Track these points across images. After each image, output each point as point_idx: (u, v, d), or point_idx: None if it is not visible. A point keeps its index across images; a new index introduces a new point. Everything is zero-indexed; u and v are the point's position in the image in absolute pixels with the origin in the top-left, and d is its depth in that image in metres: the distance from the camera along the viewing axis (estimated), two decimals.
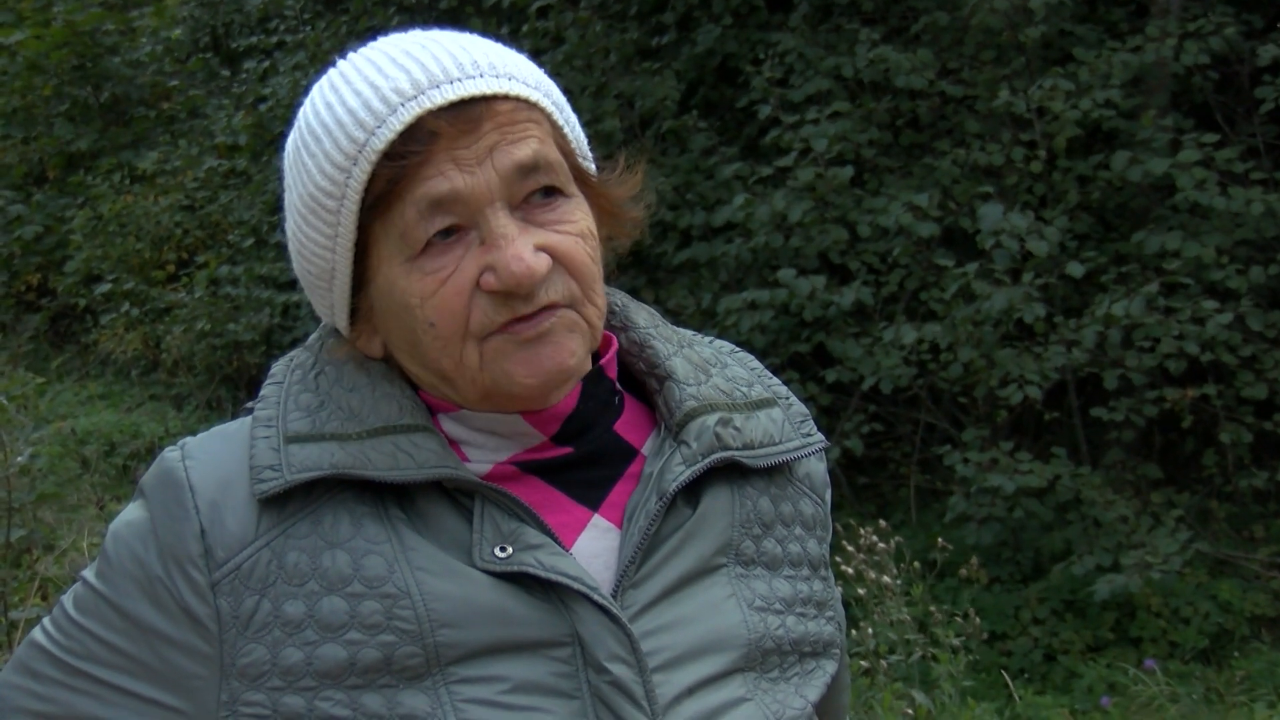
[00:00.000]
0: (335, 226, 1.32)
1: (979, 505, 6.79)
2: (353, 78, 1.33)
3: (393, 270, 1.31)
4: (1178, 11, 7.39)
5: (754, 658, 1.38)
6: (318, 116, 1.34)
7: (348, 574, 1.28)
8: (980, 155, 7.29)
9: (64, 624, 1.39)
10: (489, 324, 1.30)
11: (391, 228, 1.30)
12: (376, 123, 1.28)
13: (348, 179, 1.30)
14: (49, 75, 14.64)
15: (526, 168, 1.31)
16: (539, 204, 1.32)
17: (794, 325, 7.75)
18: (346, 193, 1.30)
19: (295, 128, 1.38)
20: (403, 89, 1.29)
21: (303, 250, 1.37)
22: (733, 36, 8.79)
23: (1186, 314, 6.53)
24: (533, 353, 1.31)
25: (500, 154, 1.29)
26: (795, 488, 1.51)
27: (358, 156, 1.29)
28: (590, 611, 1.30)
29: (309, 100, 1.38)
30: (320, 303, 1.42)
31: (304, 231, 1.36)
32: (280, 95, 11.71)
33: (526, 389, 1.32)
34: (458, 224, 1.29)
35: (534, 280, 1.29)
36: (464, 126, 1.28)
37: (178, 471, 1.34)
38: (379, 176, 1.28)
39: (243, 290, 11.60)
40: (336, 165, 1.30)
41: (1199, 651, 6.63)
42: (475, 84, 1.30)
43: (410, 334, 1.32)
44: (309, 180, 1.33)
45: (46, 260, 14.34)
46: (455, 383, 1.34)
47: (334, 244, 1.33)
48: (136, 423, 11.06)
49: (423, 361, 1.34)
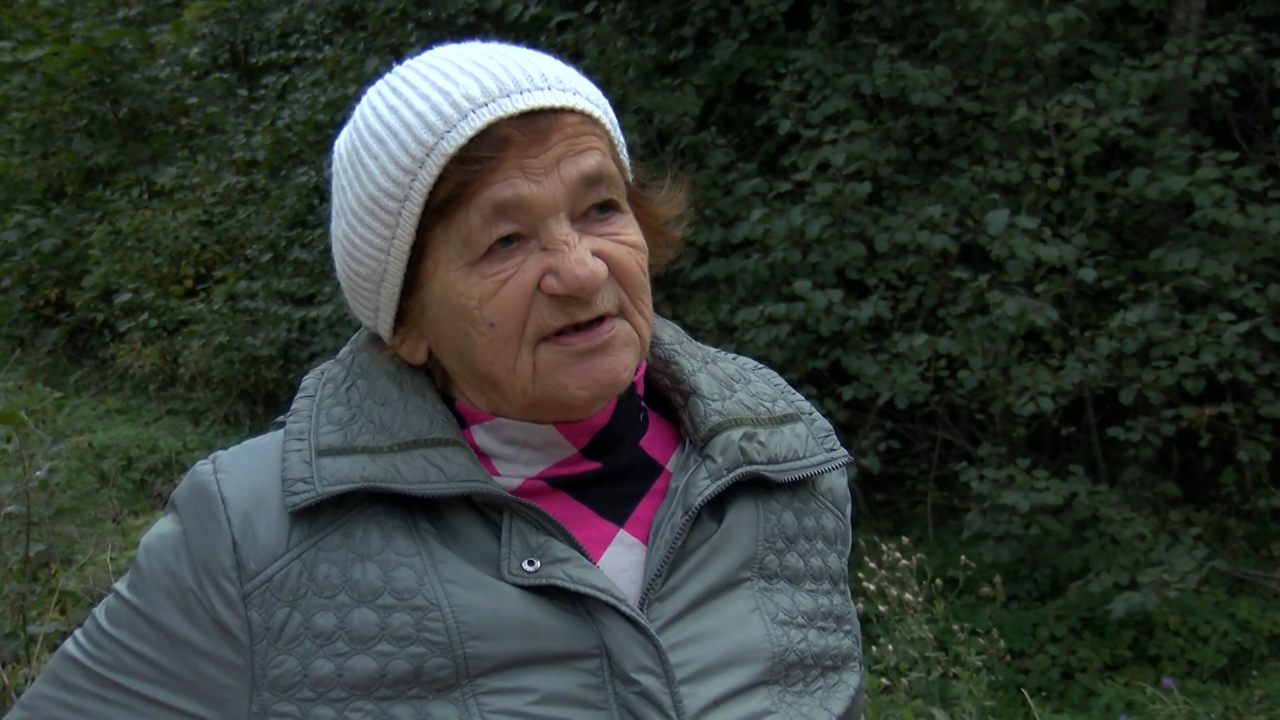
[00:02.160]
0: (393, 228, 1.32)
1: (995, 522, 6.77)
2: (418, 83, 1.33)
3: (450, 274, 1.31)
4: (1196, 29, 7.39)
5: (778, 670, 1.39)
6: (380, 119, 1.34)
7: (378, 586, 1.29)
8: (998, 172, 7.28)
9: (96, 636, 1.40)
10: (546, 327, 1.31)
11: (454, 231, 1.30)
12: (447, 127, 1.29)
13: (413, 181, 1.30)
14: (68, 91, 14.71)
15: (591, 179, 1.32)
16: (596, 218, 1.34)
17: (811, 341, 7.75)
18: (410, 194, 1.30)
19: (350, 130, 1.38)
20: (474, 95, 1.30)
21: (353, 252, 1.37)
22: (751, 52, 8.80)
23: (1203, 325, 6.52)
24: (588, 365, 1.32)
25: (567, 165, 1.31)
26: (818, 502, 1.51)
27: (425, 159, 1.29)
28: (618, 623, 1.30)
29: (367, 103, 1.38)
30: (363, 306, 1.41)
31: (358, 233, 1.36)
32: (298, 112, 11.75)
33: (579, 400, 1.33)
34: (519, 232, 1.30)
35: (595, 285, 1.30)
36: (533, 136, 1.30)
37: (210, 485, 1.35)
38: (446, 180, 1.29)
39: (260, 305, 11.63)
40: (402, 167, 1.30)
41: (1217, 670, 6.60)
42: (545, 95, 1.32)
43: (463, 338, 1.33)
44: (369, 181, 1.33)
45: (65, 275, 14.40)
46: (504, 389, 1.34)
47: (390, 246, 1.33)
48: (154, 437, 11.09)
49: (472, 366, 1.35)
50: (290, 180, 12.10)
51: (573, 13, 9.26)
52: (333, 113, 11.21)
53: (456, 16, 10.48)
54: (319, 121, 11.43)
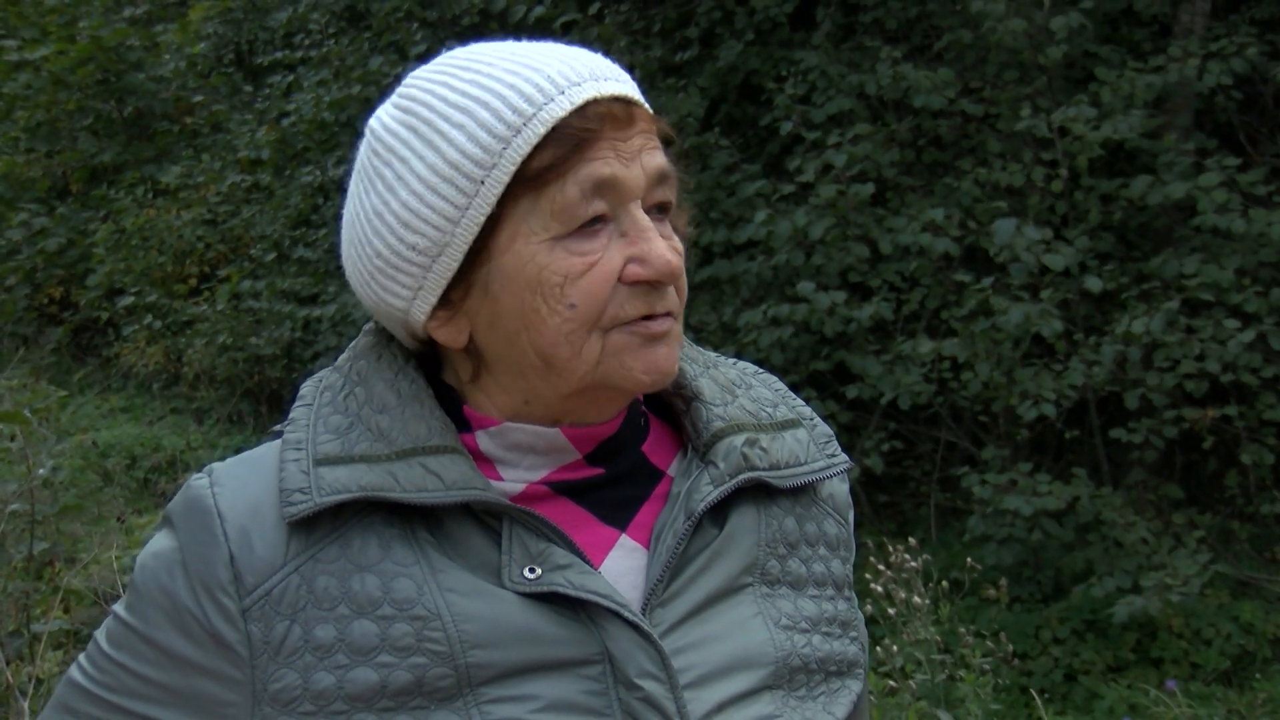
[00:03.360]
0: (471, 197, 1.30)
1: (998, 526, 6.77)
2: (498, 62, 1.33)
3: (530, 246, 1.30)
4: (1201, 32, 7.38)
5: (782, 675, 1.39)
6: (459, 91, 1.32)
7: (377, 597, 1.28)
8: (1002, 175, 7.28)
9: (98, 659, 1.40)
10: (622, 316, 1.31)
11: (544, 202, 1.29)
12: (546, 98, 1.28)
13: (505, 149, 1.28)
14: (73, 90, 14.73)
15: (664, 176, 1.34)
16: (655, 217, 1.35)
17: (814, 343, 7.74)
18: (500, 162, 1.28)
19: (410, 104, 1.35)
20: (568, 74, 1.31)
21: (411, 224, 1.32)
22: (755, 54, 8.80)
23: (1208, 333, 6.51)
24: (654, 351, 1.33)
25: (647, 155, 1.33)
26: (819, 508, 1.51)
27: (522, 128, 1.28)
28: (620, 629, 1.30)
29: (430, 80, 1.35)
30: (401, 285, 1.36)
31: (425, 202, 1.31)
32: (303, 110, 11.76)
33: (639, 384, 1.33)
34: (606, 214, 1.31)
35: (678, 272, 1.32)
36: (624, 120, 1.32)
37: (206, 499, 1.34)
38: (544, 149, 1.28)
39: (264, 304, 11.64)
40: (494, 134, 1.28)
41: (1220, 673, 6.59)
42: (626, 87, 1.34)
43: (530, 314, 1.31)
44: (450, 148, 1.30)
45: (69, 273, 14.42)
46: (562, 371, 1.33)
47: (462, 216, 1.30)
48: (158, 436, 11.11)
49: (531, 344, 1.32)
50: (295, 179, 12.10)
51: (577, 14, 9.27)
52: (337, 112, 11.22)
53: (461, 17, 10.48)
54: (324, 120, 11.43)
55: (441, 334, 1.38)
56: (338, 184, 11.42)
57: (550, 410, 1.38)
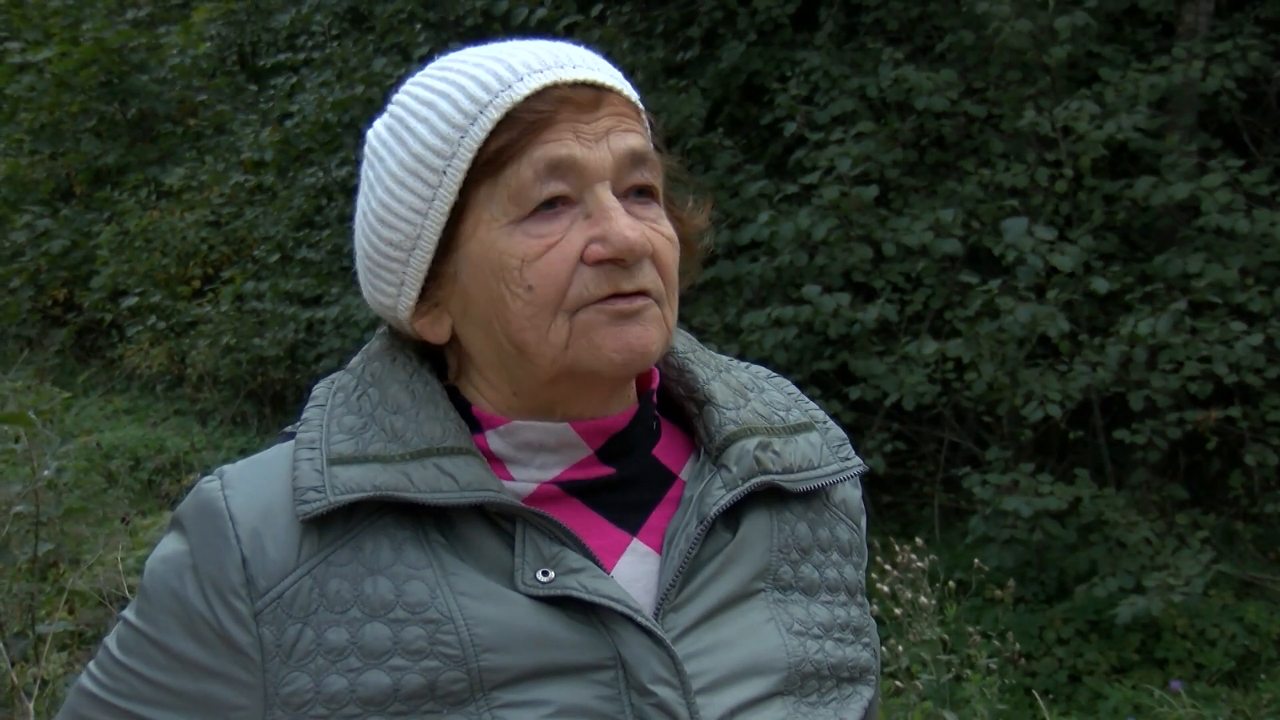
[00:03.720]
0: (435, 188, 1.32)
1: (1000, 527, 6.77)
2: (467, 58, 1.36)
3: (492, 232, 1.31)
4: (1205, 31, 7.37)
5: (794, 681, 1.38)
6: (428, 89, 1.35)
7: (390, 600, 1.28)
8: (1005, 175, 7.28)
9: (109, 666, 1.39)
10: (586, 297, 1.30)
11: (501, 187, 1.30)
12: (502, 86, 1.30)
13: (463, 137, 1.30)
14: (77, 92, 14.74)
15: (638, 156, 1.34)
16: (636, 200, 1.34)
17: (817, 343, 7.74)
18: (459, 150, 1.30)
19: (389, 111, 1.39)
20: (530, 63, 1.32)
21: (386, 219, 1.36)
22: (758, 54, 8.80)
23: (1214, 334, 6.51)
24: (623, 328, 1.31)
25: (615, 138, 1.33)
26: (832, 513, 1.51)
27: (478, 116, 1.30)
28: (633, 634, 1.30)
29: (408, 86, 1.39)
30: (386, 284, 1.39)
31: (395, 197, 1.34)
32: (307, 112, 11.76)
33: (610, 365, 1.32)
34: (567, 195, 1.31)
35: (642, 250, 1.31)
36: (587, 103, 1.32)
37: (217, 501, 1.34)
38: (499, 134, 1.30)
39: (268, 306, 11.65)
40: (452, 124, 1.31)
41: (1225, 674, 6.60)
42: (596, 74, 1.34)
43: (496, 302, 1.32)
44: (415, 142, 1.33)
45: (73, 275, 14.43)
46: (532, 358, 1.33)
47: (429, 207, 1.32)
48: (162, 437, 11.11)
49: (504, 333, 1.33)
50: (298, 181, 12.11)
51: (580, 15, 9.27)
52: (340, 113, 11.23)
53: (464, 18, 10.48)
54: (327, 121, 11.44)
55: (426, 330, 1.40)
56: (341, 185, 11.43)
57: (538, 401, 1.37)
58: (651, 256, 1.33)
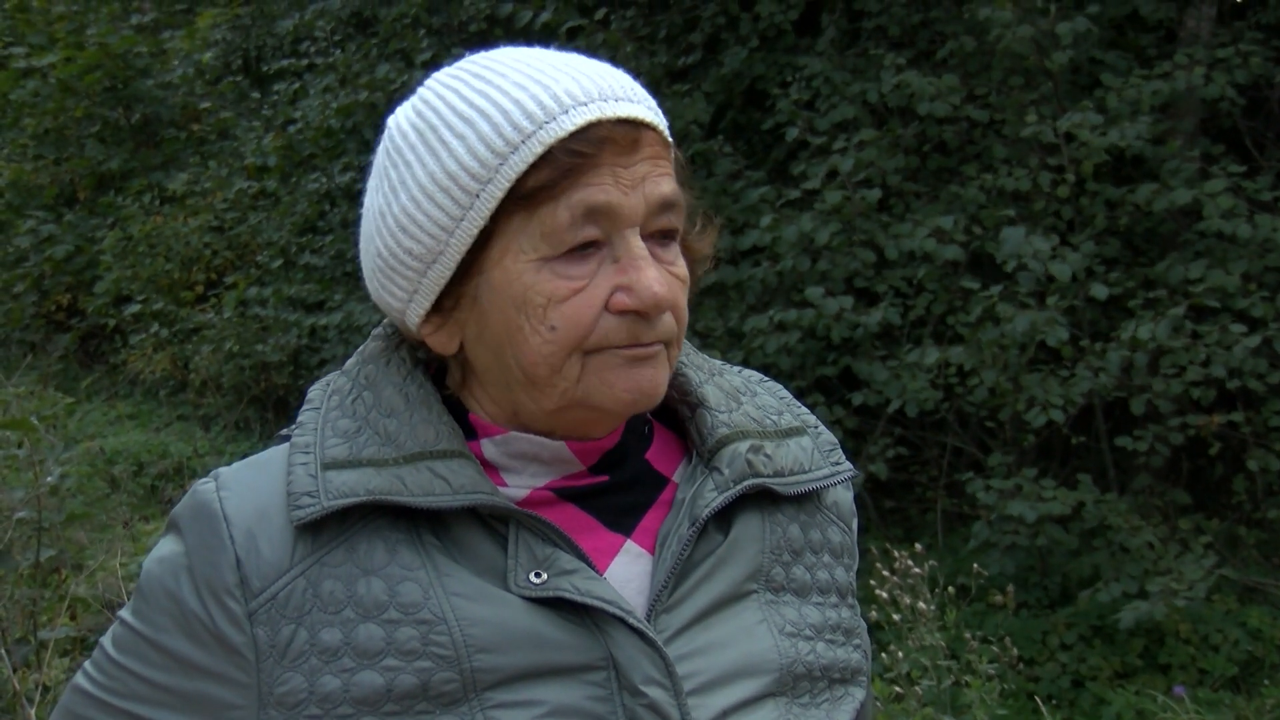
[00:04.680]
0: (466, 210, 1.30)
1: (1002, 532, 6.76)
2: (509, 73, 1.32)
3: (519, 264, 1.30)
4: (1207, 37, 7.37)
5: (786, 683, 1.39)
6: (466, 100, 1.32)
7: (383, 601, 1.28)
8: (1007, 180, 7.27)
9: (105, 665, 1.40)
10: (605, 343, 1.30)
11: (535, 223, 1.29)
12: (547, 117, 1.28)
13: (501, 165, 1.28)
14: (81, 97, 14.77)
15: (668, 204, 1.33)
16: (658, 242, 1.34)
17: (820, 348, 7.74)
18: (495, 178, 1.28)
19: (420, 108, 1.36)
20: (575, 93, 1.29)
21: (409, 228, 1.34)
22: (760, 59, 8.80)
23: (1214, 338, 6.50)
24: (636, 371, 1.32)
25: (650, 184, 1.32)
26: (824, 515, 1.52)
27: (520, 145, 1.27)
28: (625, 635, 1.30)
29: (444, 85, 1.36)
30: (397, 288, 1.38)
31: (422, 209, 1.32)
32: (310, 117, 11.77)
33: (619, 403, 1.32)
34: (598, 239, 1.30)
35: (667, 305, 1.31)
36: (628, 144, 1.30)
37: (212, 503, 1.34)
38: (539, 169, 1.28)
39: (271, 311, 11.66)
40: (492, 149, 1.28)
41: (1228, 679, 6.58)
42: (637, 108, 1.33)
43: (515, 331, 1.31)
44: (450, 159, 1.30)
45: (76, 280, 14.45)
46: (542, 388, 1.33)
47: (456, 227, 1.31)
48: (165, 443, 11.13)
49: (516, 361, 1.32)
50: (301, 186, 12.12)
51: (583, 19, 9.28)
52: (344, 118, 11.24)
53: (468, 23, 10.50)
54: (330, 127, 11.45)
55: (433, 339, 1.39)
56: (344, 190, 11.44)
57: (538, 424, 1.38)
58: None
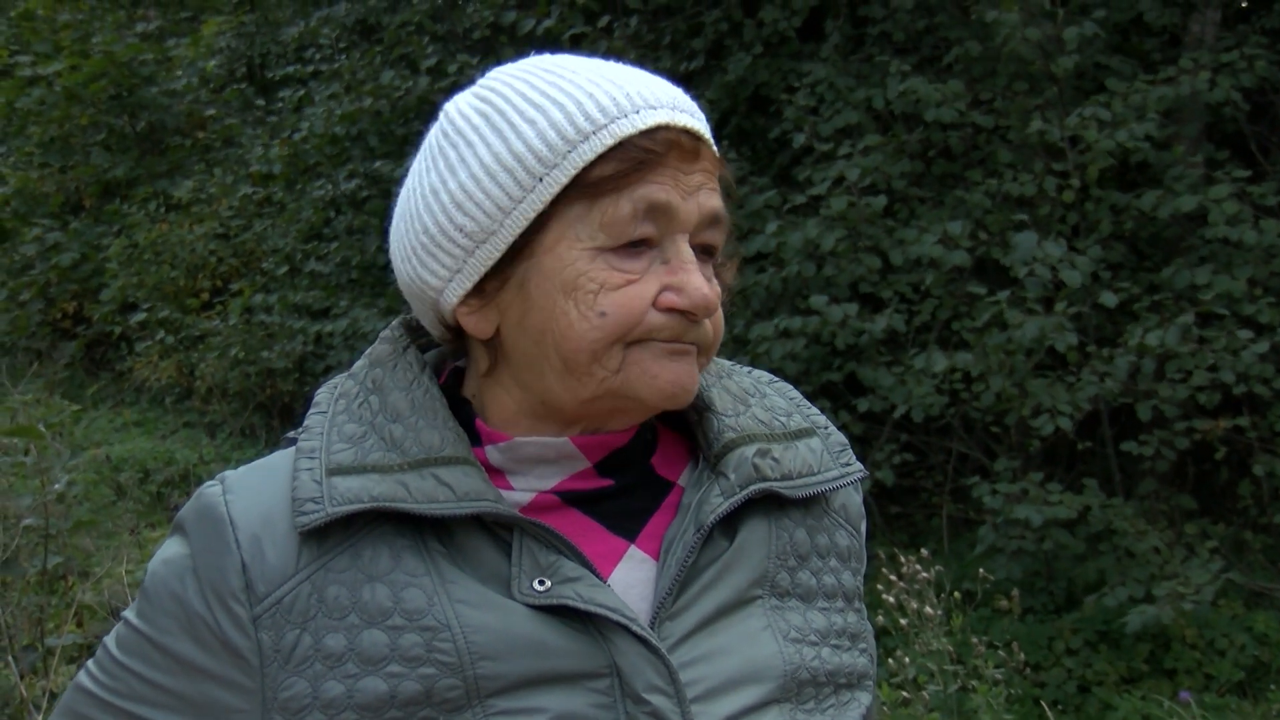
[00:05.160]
0: (528, 192, 1.31)
1: (1008, 537, 6.75)
2: (580, 70, 1.35)
3: (574, 251, 1.31)
4: (1211, 42, 7.37)
5: (790, 689, 1.38)
6: (539, 90, 1.34)
7: (388, 607, 1.29)
8: (1013, 185, 7.27)
9: (108, 665, 1.40)
10: (648, 335, 1.32)
11: (596, 212, 1.31)
12: (620, 113, 1.31)
13: (570, 151, 1.30)
14: (86, 105, 14.79)
15: (716, 219, 1.36)
16: (701, 258, 1.36)
17: (825, 354, 7.74)
18: (562, 164, 1.30)
19: (487, 94, 1.38)
20: (647, 97, 1.33)
21: (463, 205, 1.35)
22: (764, 66, 8.80)
23: (1221, 344, 6.50)
24: (676, 364, 1.34)
25: (705, 195, 1.35)
26: (831, 519, 1.51)
27: (591, 135, 1.30)
28: (629, 642, 1.30)
29: (511, 75, 1.39)
30: (441, 265, 1.38)
31: (482, 187, 1.33)
32: (315, 125, 11.79)
33: (659, 394, 1.34)
34: (652, 238, 1.33)
35: (712, 309, 1.34)
36: (691, 152, 1.34)
37: (218, 506, 1.35)
38: (607, 160, 1.30)
39: (276, 318, 11.67)
40: (563, 134, 1.30)
41: (1235, 684, 6.57)
42: (699, 124, 1.36)
43: (561, 317, 1.32)
44: (517, 140, 1.32)
45: (83, 288, 14.48)
46: (578, 376, 1.34)
47: (515, 208, 1.32)
48: (171, 450, 11.14)
49: (555, 346, 1.33)
50: (306, 193, 12.13)
51: (587, 26, 9.29)
52: (348, 125, 11.25)
53: (472, 30, 10.51)
54: (335, 134, 11.46)
55: (469, 321, 1.39)
56: (349, 197, 11.45)
57: (564, 415, 1.38)
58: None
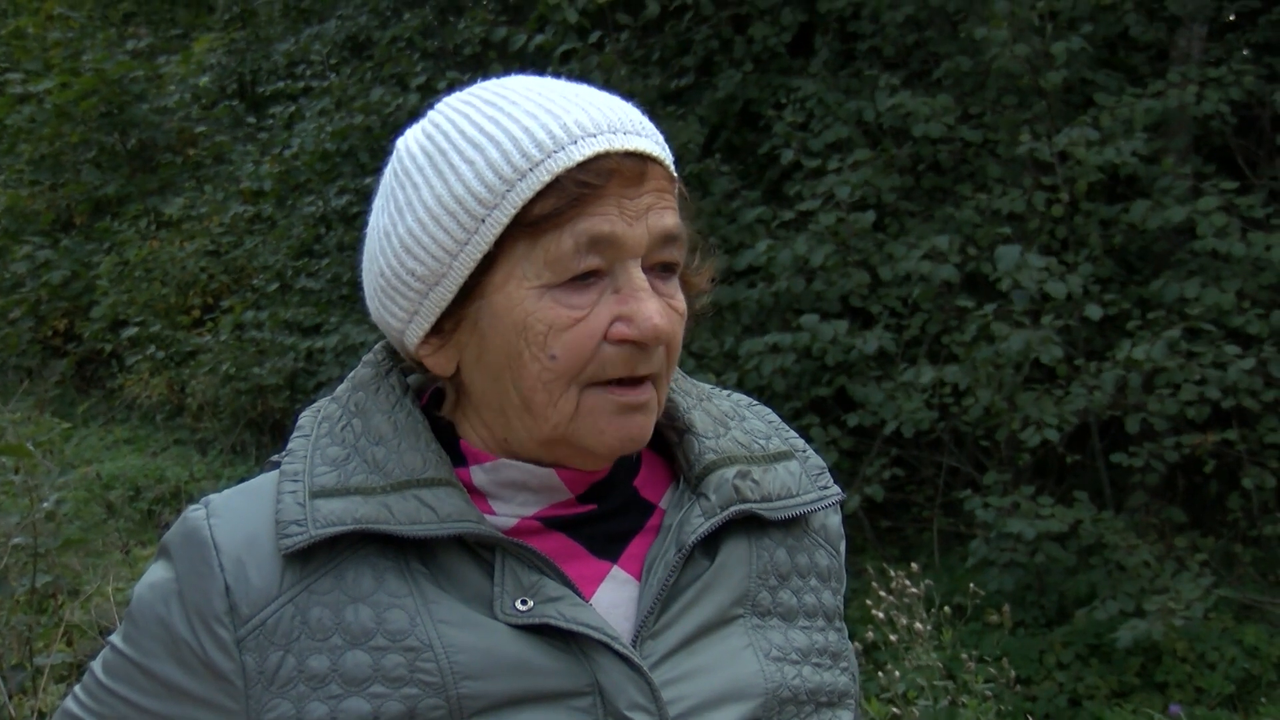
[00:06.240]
0: (472, 234, 1.31)
1: (1000, 550, 6.76)
2: (520, 101, 1.34)
3: (521, 290, 1.31)
4: (1198, 56, 7.40)
5: (771, 707, 1.39)
6: (477, 126, 1.33)
7: (370, 628, 1.29)
8: (1002, 200, 7.29)
9: (95, 690, 1.42)
10: (601, 374, 1.32)
11: (539, 249, 1.30)
12: (556, 146, 1.29)
13: (508, 191, 1.29)
14: (77, 123, 14.77)
15: (670, 237, 1.35)
16: (658, 275, 1.35)
17: (815, 369, 7.75)
18: (502, 204, 1.30)
19: (430, 131, 1.37)
20: (584, 124, 1.31)
21: (412, 250, 1.35)
22: (754, 82, 8.82)
23: (1209, 358, 6.51)
24: (626, 419, 1.34)
25: (654, 216, 1.33)
26: (811, 539, 1.52)
27: (528, 173, 1.29)
28: (611, 661, 1.31)
29: (454, 109, 1.38)
30: (398, 307, 1.39)
31: (427, 231, 1.33)
32: (306, 141, 11.79)
33: (608, 448, 1.35)
34: (600, 269, 1.31)
35: (664, 338, 1.33)
36: (634, 177, 1.31)
37: (202, 530, 1.35)
38: (545, 196, 1.29)
39: (267, 335, 11.66)
40: (500, 175, 1.30)
41: (1225, 697, 6.58)
42: (645, 142, 1.34)
43: (514, 357, 1.32)
44: (457, 182, 1.32)
45: (73, 305, 14.45)
46: (536, 417, 1.34)
47: (461, 250, 1.32)
48: (161, 467, 11.11)
49: (514, 386, 1.34)
50: (297, 210, 12.13)
51: (577, 43, 9.30)
52: (339, 142, 11.26)
53: (462, 47, 10.52)
54: (325, 151, 11.47)
55: (431, 361, 1.40)
56: (340, 214, 11.45)
57: (528, 452, 1.39)
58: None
